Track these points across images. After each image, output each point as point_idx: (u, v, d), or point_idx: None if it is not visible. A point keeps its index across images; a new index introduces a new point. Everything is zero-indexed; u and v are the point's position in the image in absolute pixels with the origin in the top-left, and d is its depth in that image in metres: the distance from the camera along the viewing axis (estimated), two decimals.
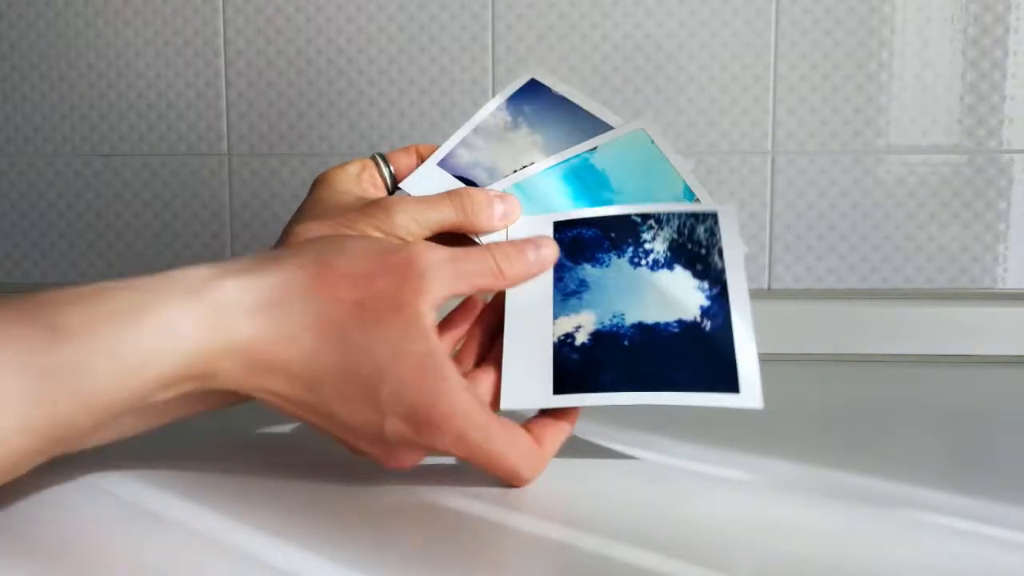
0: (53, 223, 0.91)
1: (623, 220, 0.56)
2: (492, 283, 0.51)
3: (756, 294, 0.85)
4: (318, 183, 0.57)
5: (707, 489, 0.51)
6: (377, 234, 0.53)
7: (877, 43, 0.83)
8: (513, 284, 0.52)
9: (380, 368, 0.46)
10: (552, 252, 0.54)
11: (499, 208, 0.56)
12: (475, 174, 0.59)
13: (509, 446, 0.49)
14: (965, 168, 0.84)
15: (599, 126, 0.61)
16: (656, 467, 0.54)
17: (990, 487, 0.51)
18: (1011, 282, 0.84)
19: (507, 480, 0.50)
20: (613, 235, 0.55)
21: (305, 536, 0.45)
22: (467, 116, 0.89)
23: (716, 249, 0.54)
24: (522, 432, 0.50)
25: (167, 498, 0.49)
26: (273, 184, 0.89)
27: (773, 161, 0.85)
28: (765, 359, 0.60)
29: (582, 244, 0.55)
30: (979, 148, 0.83)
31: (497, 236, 0.56)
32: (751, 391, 0.50)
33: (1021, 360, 0.80)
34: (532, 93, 0.63)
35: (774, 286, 0.86)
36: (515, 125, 0.62)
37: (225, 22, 0.88)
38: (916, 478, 0.52)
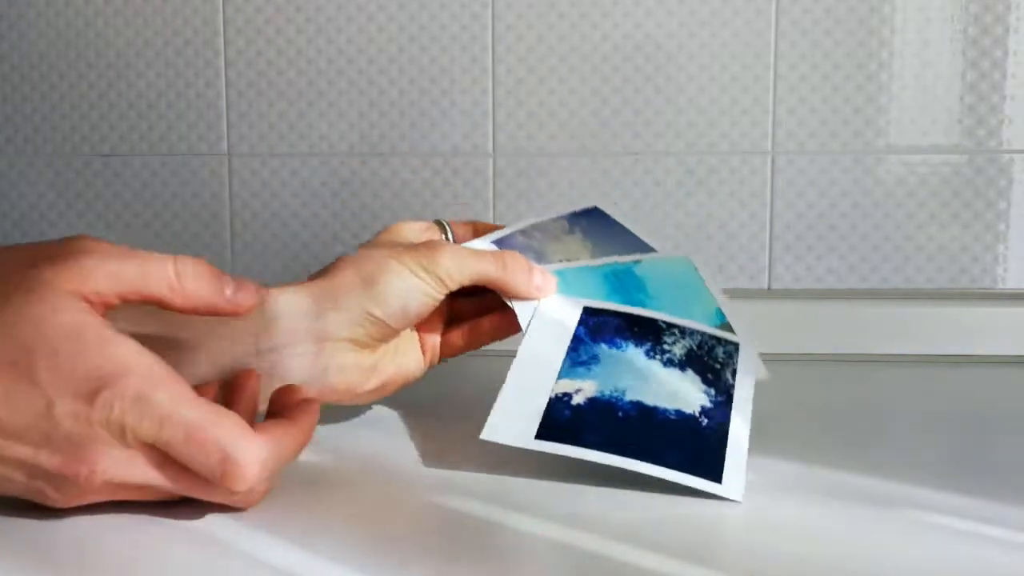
0: (53, 223, 0.91)
1: (649, 321, 0.59)
2: (166, 295, 0.46)
3: (756, 294, 0.85)
4: (386, 229, 0.62)
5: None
6: (420, 271, 0.56)
7: (877, 43, 0.83)
8: (188, 305, 0.47)
9: (26, 347, 0.41)
10: (249, 299, 0.49)
11: (537, 278, 0.59)
12: (526, 255, 0.63)
13: (212, 417, 0.43)
14: (965, 168, 0.84)
15: (648, 250, 0.67)
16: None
17: (990, 487, 0.51)
18: (1011, 282, 0.84)
19: (220, 472, 0.43)
20: (636, 329, 0.58)
21: (305, 536, 0.45)
22: (467, 116, 0.89)
23: (731, 369, 0.57)
24: (231, 412, 0.44)
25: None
26: (273, 184, 0.89)
27: (773, 161, 0.85)
28: (765, 359, 0.60)
29: (604, 327, 0.58)
30: (979, 148, 0.83)
31: (528, 307, 0.59)
32: (734, 485, 0.50)
33: (1021, 360, 0.80)
34: (592, 216, 0.68)
35: (774, 286, 0.86)
36: (571, 231, 0.66)
37: (225, 22, 0.88)
38: (916, 478, 0.52)
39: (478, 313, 0.64)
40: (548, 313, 0.59)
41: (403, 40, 0.87)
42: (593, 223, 0.68)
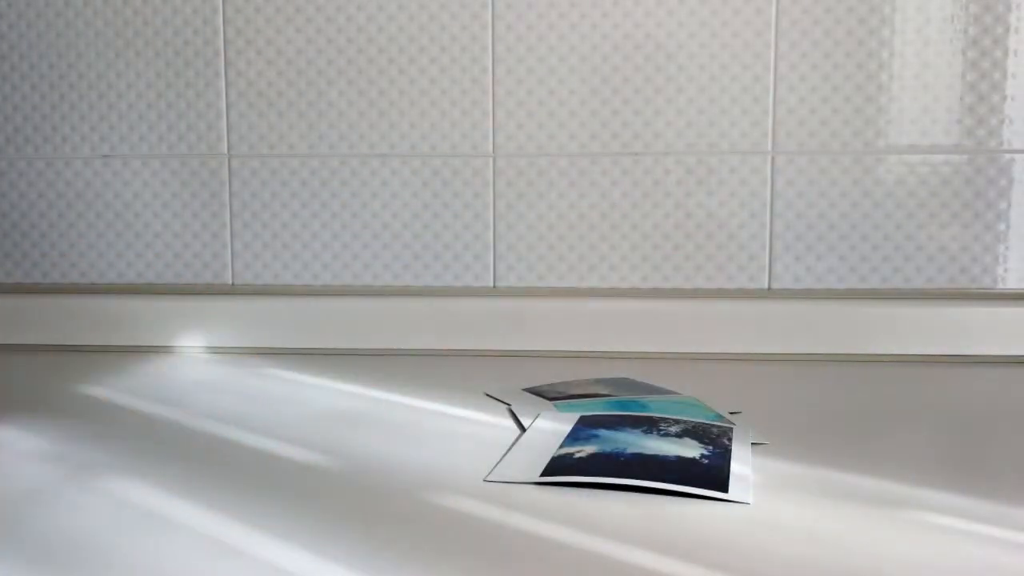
0: (54, 223, 0.91)
1: (645, 417, 0.63)
2: None
3: (756, 294, 0.85)
4: None
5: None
6: None
7: (877, 43, 0.83)
8: None
9: None
10: None
11: None
12: (543, 389, 0.68)
13: None
14: (965, 168, 0.84)
15: (665, 392, 0.71)
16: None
17: (990, 487, 0.51)
18: (1011, 282, 0.84)
19: None
20: (633, 421, 0.61)
21: (305, 536, 0.45)
22: (467, 116, 0.89)
23: (726, 436, 0.59)
24: None
25: (167, 498, 0.49)
26: (273, 184, 0.89)
27: (773, 161, 0.85)
28: (765, 359, 0.60)
29: (601, 420, 0.62)
30: (979, 148, 0.83)
31: (527, 419, 0.62)
32: (740, 492, 0.51)
33: (1021, 360, 0.80)
34: (622, 380, 0.74)
35: (774, 286, 0.86)
36: (595, 383, 0.72)
37: (225, 22, 0.88)
38: (916, 478, 0.52)
39: None
40: (545, 422, 0.62)
41: (403, 40, 0.87)
42: (621, 382, 0.73)
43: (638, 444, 0.56)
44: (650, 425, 0.60)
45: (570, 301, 0.85)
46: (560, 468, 0.53)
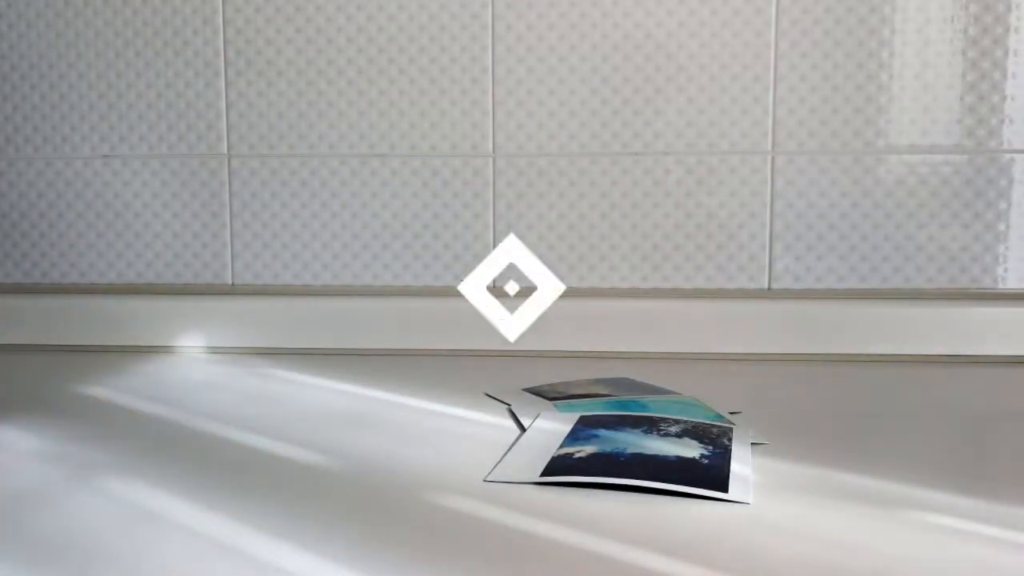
0: (53, 223, 0.91)
1: (645, 417, 0.63)
2: None
3: (756, 294, 0.85)
4: None
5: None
6: None
7: (877, 43, 0.83)
8: None
9: None
10: None
11: None
12: (543, 389, 0.69)
13: None
14: (965, 168, 0.84)
15: (665, 392, 0.70)
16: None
17: (990, 487, 0.51)
18: (1011, 282, 0.84)
19: None
20: (633, 421, 0.62)
21: (305, 536, 0.45)
22: (467, 116, 0.89)
23: (726, 436, 0.59)
24: None
25: (167, 498, 0.49)
26: (273, 184, 0.89)
27: (773, 161, 0.85)
28: (765, 359, 0.60)
29: (601, 420, 0.62)
30: (979, 148, 0.83)
31: (528, 419, 0.63)
32: (740, 492, 0.51)
33: (1021, 360, 0.80)
34: (622, 380, 0.74)
35: (774, 286, 0.86)
36: (595, 383, 0.72)
37: (225, 22, 0.88)
38: (916, 478, 0.52)
39: None
40: (545, 422, 0.62)
41: (403, 40, 0.87)
42: (621, 382, 0.73)
43: (638, 444, 0.56)
44: (650, 425, 0.60)
45: (570, 301, 0.85)
46: (560, 468, 0.53)
